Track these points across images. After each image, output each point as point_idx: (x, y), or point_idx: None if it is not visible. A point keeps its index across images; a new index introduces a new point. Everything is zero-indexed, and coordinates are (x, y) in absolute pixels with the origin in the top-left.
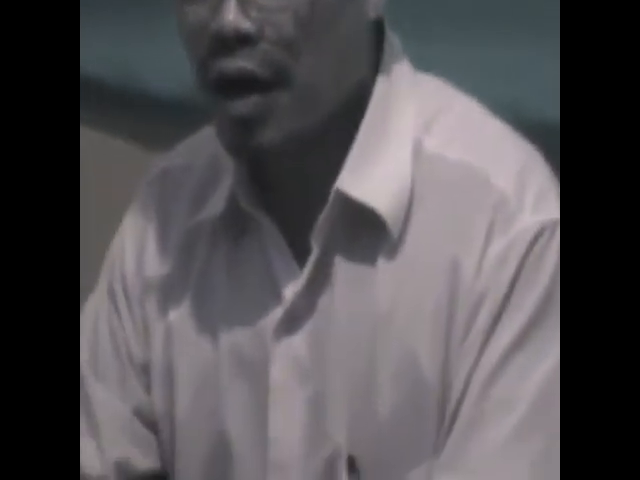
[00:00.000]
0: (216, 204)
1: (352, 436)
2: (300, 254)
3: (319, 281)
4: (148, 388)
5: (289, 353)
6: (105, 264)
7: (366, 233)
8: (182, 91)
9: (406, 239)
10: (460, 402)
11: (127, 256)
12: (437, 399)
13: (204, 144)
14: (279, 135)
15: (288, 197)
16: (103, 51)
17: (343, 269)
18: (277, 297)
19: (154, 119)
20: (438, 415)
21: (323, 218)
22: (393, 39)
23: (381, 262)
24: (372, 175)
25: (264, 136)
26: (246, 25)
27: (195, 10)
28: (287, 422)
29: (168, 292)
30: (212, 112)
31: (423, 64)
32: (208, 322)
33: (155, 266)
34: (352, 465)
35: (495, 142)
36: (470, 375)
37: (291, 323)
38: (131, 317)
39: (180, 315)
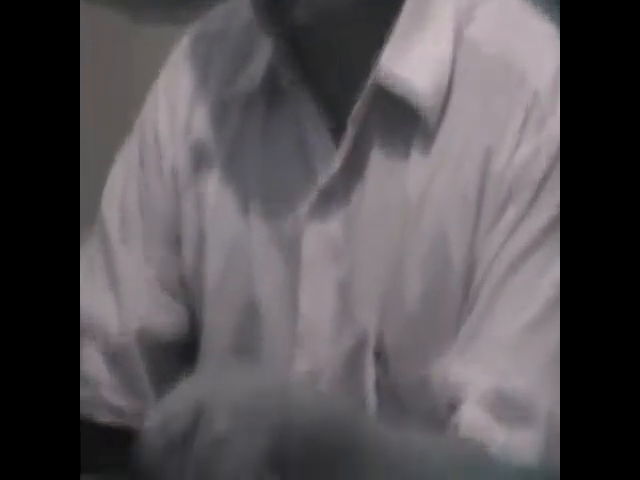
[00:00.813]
0: (253, 75)
1: (379, 322)
2: (336, 131)
3: (354, 164)
4: (178, 255)
5: (322, 232)
6: (136, 127)
7: (402, 119)
8: None
9: (441, 128)
10: (478, 291)
11: (160, 121)
12: (462, 287)
13: (240, 9)
14: (312, 12)
15: (326, 76)
16: None
17: (377, 154)
18: (312, 175)
19: None
20: (461, 304)
21: (362, 98)
22: None
23: (415, 149)
24: (413, 57)
25: (296, 14)
26: None
27: None
28: (317, 300)
29: (200, 159)
30: None
31: None
32: (240, 193)
33: (188, 133)
34: (379, 351)
35: (535, 39)
36: (491, 265)
37: (325, 204)
38: (162, 183)
39: (212, 184)
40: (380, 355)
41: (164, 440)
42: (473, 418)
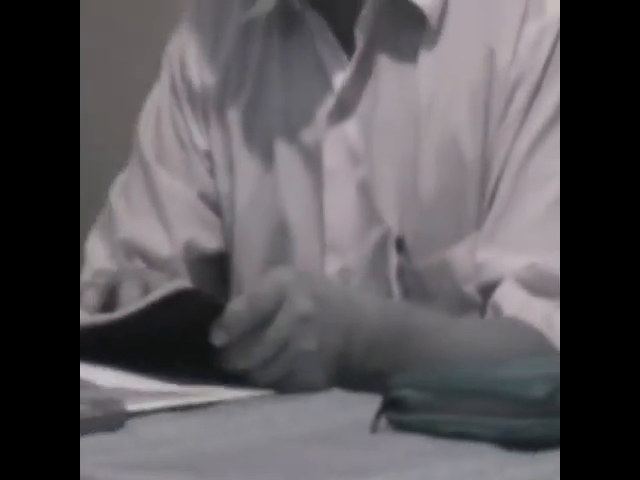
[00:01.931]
0: (267, 0)
1: (400, 217)
2: (348, 47)
3: (366, 70)
4: (212, 174)
5: (341, 138)
6: (165, 59)
7: (407, 26)
8: None
9: (444, 30)
10: (499, 179)
11: (186, 50)
12: (477, 178)
13: None
14: None
15: None
16: None
17: (387, 60)
18: (328, 86)
19: None
20: (478, 193)
21: (366, 9)
22: None
23: (422, 53)
24: None
25: None
26: None
27: None
28: (341, 205)
29: (226, 86)
30: None
31: None
32: (265, 114)
33: (214, 61)
34: (400, 244)
35: None
36: (509, 153)
37: (342, 110)
38: (192, 109)
39: (238, 108)
40: (402, 246)
41: (250, 318)
42: (513, 297)
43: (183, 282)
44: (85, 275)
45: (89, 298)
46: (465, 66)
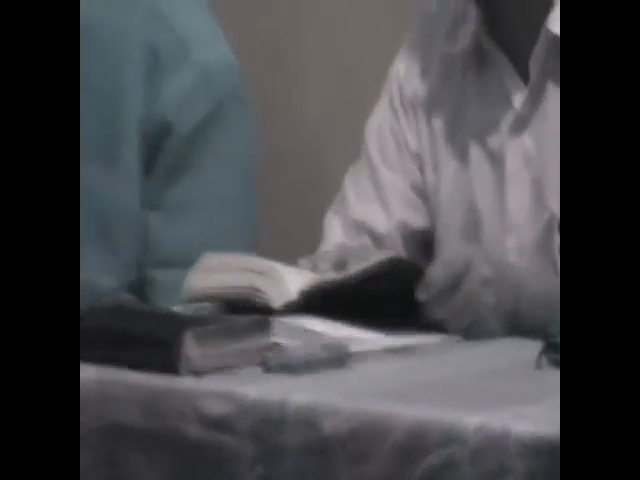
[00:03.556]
0: (465, 39)
1: (562, 205)
2: (524, 76)
3: (538, 94)
4: (421, 169)
5: (519, 146)
6: (386, 82)
7: None
8: None
9: None
10: None
11: (405, 72)
12: None
13: None
14: None
15: (514, 34)
16: None
17: (554, 87)
18: (510, 106)
19: None
20: None
21: (539, 47)
22: None
23: None
24: None
25: None
26: None
27: None
28: (518, 197)
29: (434, 101)
30: None
31: None
32: (463, 125)
33: (425, 80)
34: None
35: None
36: None
37: (520, 124)
38: (407, 119)
39: (442, 119)
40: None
41: (446, 279)
42: None
43: (393, 252)
44: (323, 246)
45: (324, 267)
46: None
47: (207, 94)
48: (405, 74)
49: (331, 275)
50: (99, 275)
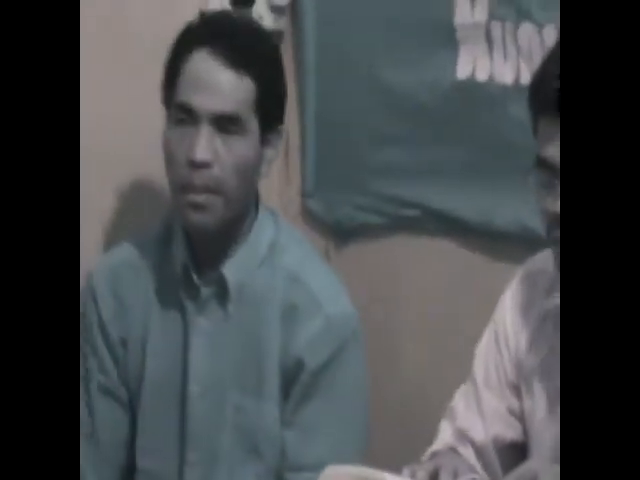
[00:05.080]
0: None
1: None
2: None
3: None
4: (517, 397)
5: None
6: (495, 312)
7: None
8: None
9: None
10: None
11: (507, 321)
12: None
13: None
14: None
15: None
16: None
17: None
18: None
19: None
20: None
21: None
22: None
23: None
24: None
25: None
26: None
27: None
28: None
29: (526, 362)
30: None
31: None
32: (551, 391)
33: (525, 340)
34: None
35: None
36: None
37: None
38: (508, 353)
39: (532, 382)
40: None
41: None
42: None
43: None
44: (435, 445)
45: (421, 477)
46: None
47: (332, 338)
48: (509, 319)
49: None
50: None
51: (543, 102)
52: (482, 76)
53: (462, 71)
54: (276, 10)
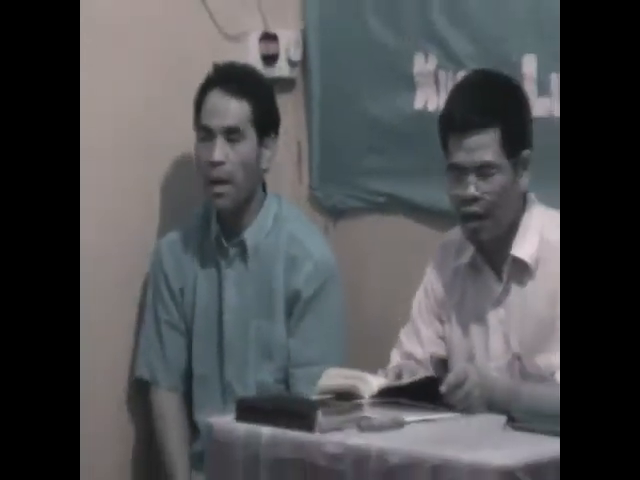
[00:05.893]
0: (466, 257)
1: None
2: (499, 275)
3: (507, 287)
4: (442, 325)
5: (497, 315)
6: (422, 281)
7: (522, 271)
8: None
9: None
10: None
11: (430, 279)
12: None
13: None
14: (494, 233)
15: (490, 254)
16: None
17: (516, 286)
18: (492, 294)
19: None
20: None
21: (507, 263)
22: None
23: (525, 283)
24: (526, 245)
25: (485, 233)
26: None
27: None
28: (496, 342)
29: (445, 302)
30: None
31: None
32: (464, 307)
33: (443, 288)
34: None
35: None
36: None
37: (497, 303)
38: (434, 298)
39: (452, 304)
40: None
41: (454, 382)
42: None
43: (427, 372)
44: (390, 364)
45: (391, 376)
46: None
47: (319, 276)
48: (435, 279)
49: (396, 381)
50: (265, 376)
51: (451, 123)
52: (432, 107)
53: (418, 104)
54: (292, 63)
